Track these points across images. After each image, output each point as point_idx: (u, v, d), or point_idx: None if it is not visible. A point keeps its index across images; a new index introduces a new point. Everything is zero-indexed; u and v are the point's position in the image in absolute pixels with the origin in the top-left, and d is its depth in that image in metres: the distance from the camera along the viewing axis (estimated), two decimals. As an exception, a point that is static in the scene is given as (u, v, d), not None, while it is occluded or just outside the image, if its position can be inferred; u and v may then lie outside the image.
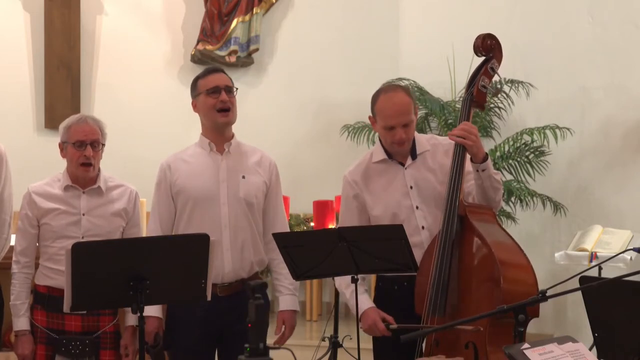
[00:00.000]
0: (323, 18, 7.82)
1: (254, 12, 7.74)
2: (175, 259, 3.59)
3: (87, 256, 3.49)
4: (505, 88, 6.90)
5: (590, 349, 2.92)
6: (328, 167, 7.25)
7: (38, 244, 4.16)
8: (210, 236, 3.63)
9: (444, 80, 7.20)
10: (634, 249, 4.59)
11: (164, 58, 7.86)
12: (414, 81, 7.18)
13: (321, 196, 7.04)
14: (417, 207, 3.87)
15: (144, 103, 7.75)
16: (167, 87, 7.72)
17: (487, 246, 3.58)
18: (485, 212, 3.75)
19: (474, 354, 3.53)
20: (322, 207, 7.00)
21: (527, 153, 6.90)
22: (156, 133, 7.54)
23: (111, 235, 4.08)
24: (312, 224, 7.11)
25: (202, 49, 7.73)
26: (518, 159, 6.90)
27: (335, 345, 3.88)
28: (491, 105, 7.01)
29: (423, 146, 3.95)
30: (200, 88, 4.04)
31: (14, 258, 4.14)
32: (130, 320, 4.10)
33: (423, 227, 3.86)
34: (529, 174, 6.87)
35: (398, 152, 3.91)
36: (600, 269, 5.34)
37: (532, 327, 3.45)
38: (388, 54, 7.66)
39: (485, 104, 3.97)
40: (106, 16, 7.81)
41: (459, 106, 5.13)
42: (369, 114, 3.94)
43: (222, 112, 4.01)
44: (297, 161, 7.47)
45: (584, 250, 5.67)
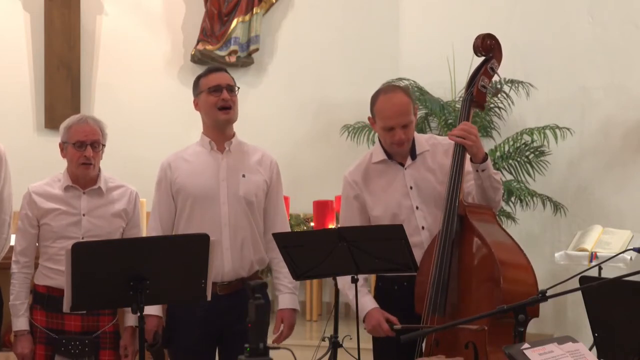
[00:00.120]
0: (323, 18, 7.81)
1: (254, 12, 7.74)
2: (175, 259, 3.59)
3: (87, 256, 3.49)
4: (505, 88, 6.90)
5: (590, 349, 2.91)
6: (328, 167, 7.25)
7: (38, 244, 4.15)
8: (210, 235, 3.63)
9: (444, 80, 7.20)
10: (634, 249, 4.58)
11: (164, 58, 7.85)
12: (414, 81, 7.18)
13: (321, 196, 7.04)
14: (417, 208, 3.87)
15: (144, 103, 7.74)
16: (167, 87, 7.71)
17: (487, 246, 3.58)
18: (485, 212, 3.76)
19: (474, 354, 3.53)
20: (322, 207, 7.00)
21: (527, 153, 6.89)
22: (156, 133, 7.53)
23: (111, 236, 4.07)
24: (312, 224, 7.11)
25: (202, 49, 7.72)
26: (518, 159, 6.89)
27: (335, 345, 3.87)
28: (491, 105, 7.01)
29: (422, 146, 3.95)
30: (202, 86, 4.05)
31: (14, 258, 4.13)
32: (129, 320, 4.10)
33: (423, 227, 3.86)
34: (529, 174, 6.87)
35: (398, 153, 3.91)
36: (600, 269, 5.33)
37: (532, 327, 3.44)
38: (388, 54, 7.66)
39: (485, 104, 3.97)
40: (106, 16, 7.80)
41: (459, 106, 5.12)
42: (369, 115, 3.94)
43: (224, 110, 4.01)
44: (297, 161, 7.46)
45: (584, 250, 5.66)
